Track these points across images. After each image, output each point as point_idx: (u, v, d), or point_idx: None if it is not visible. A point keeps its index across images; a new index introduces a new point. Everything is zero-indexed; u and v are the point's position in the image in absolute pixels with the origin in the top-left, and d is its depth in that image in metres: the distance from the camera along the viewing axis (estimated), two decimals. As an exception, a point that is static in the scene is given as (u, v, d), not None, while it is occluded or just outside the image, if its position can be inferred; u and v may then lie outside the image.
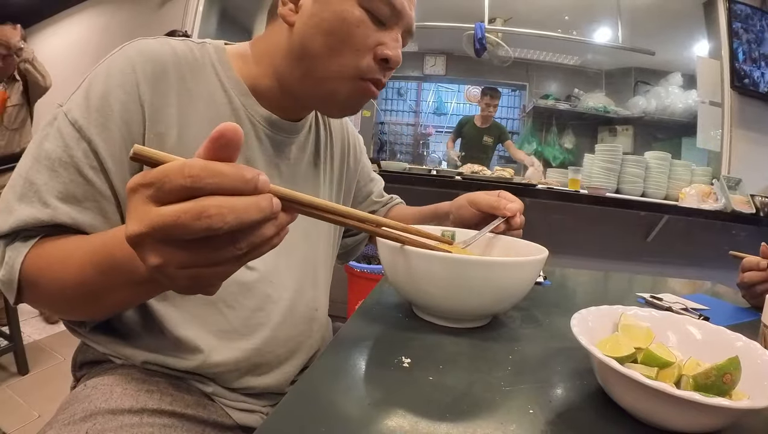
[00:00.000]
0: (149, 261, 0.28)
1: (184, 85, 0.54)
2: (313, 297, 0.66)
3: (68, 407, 0.50)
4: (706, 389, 0.35)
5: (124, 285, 0.41)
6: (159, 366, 0.55)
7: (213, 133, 0.26)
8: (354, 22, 0.54)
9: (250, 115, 0.59)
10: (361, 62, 0.55)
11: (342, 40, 0.54)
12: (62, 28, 3.57)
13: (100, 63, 0.52)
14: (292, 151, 0.66)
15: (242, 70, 0.60)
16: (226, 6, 3.08)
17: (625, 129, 3.36)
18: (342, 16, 0.53)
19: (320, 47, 0.54)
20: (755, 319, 0.69)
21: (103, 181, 0.49)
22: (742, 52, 2.45)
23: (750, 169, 2.39)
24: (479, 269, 0.48)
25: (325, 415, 0.33)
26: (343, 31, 0.54)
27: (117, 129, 0.49)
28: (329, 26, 0.54)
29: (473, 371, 0.42)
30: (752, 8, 2.51)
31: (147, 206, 0.26)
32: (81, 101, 0.49)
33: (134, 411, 0.49)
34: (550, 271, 0.88)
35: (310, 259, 0.67)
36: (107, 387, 0.52)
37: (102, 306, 0.46)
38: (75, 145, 0.47)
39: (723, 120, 2.47)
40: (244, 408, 0.58)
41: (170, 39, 0.56)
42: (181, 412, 0.52)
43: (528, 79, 4.00)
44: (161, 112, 0.52)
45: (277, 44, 0.58)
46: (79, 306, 0.48)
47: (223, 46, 0.61)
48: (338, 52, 0.54)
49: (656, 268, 2.34)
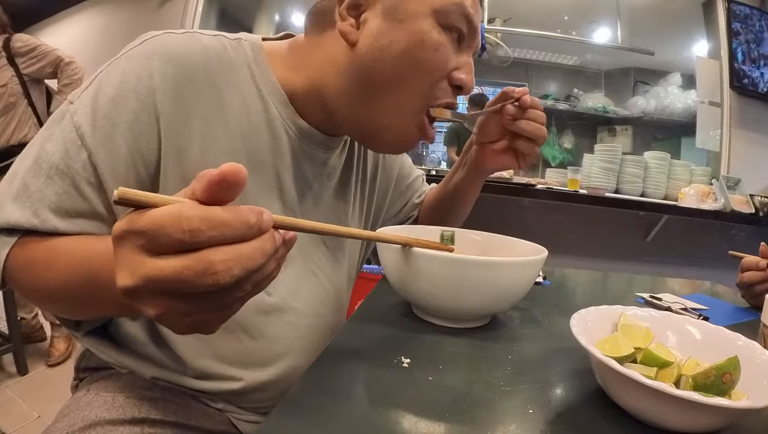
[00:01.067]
0: (147, 312, 0.26)
1: (215, 93, 0.48)
2: (335, 322, 0.63)
3: (69, 413, 0.49)
4: (706, 389, 0.35)
5: (109, 304, 0.38)
6: (169, 383, 0.53)
7: (214, 175, 0.23)
8: (433, 45, 0.48)
9: (287, 127, 0.54)
10: (435, 87, 0.50)
11: (416, 67, 0.48)
12: (61, 28, 3.57)
13: (116, 57, 0.46)
14: (327, 167, 0.61)
15: (281, 74, 0.54)
16: (225, 6, 3.08)
17: (624, 129, 3.36)
18: (419, 38, 0.47)
19: (390, 74, 0.48)
20: (754, 319, 0.69)
21: (99, 199, 0.45)
22: (741, 52, 2.46)
23: (749, 168, 2.39)
24: (478, 269, 0.48)
25: (324, 416, 0.33)
26: (419, 57, 0.48)
27: (124, 142, 0.44)
28: (404, 49, 0.47)
29: (473, 371, 0.42)
30: (751, 8, 2.51)
31: (139, 256, 0.24)
32: (88, 103, 0.44)
33: (136, 421, 0.48)
34: (549, 271, 0.88)
35: (335, 284, 0.64)
36: (110, 395, 0.50)
37: (87, 314, 0.45)
38: (75, 154, 0.43)
39: (722, 120, 2.47)
40: (253, 420, 0.57)
41: (200, 33, 0.50)
42: (185, 423, 0.51)
43: (527, 79, 3.99)
44: (183, 125, 0.46)
45: (331, 59, 0.51)
46: (62, 309, 0.47)
47: (261, 43, 0.54)
48: (411, 79, 0.49)
49: (655, 268, 2.35)
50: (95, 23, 3.35)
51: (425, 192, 0.86)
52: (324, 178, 0.61)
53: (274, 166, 0.54)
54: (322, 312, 0.60)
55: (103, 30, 3.26)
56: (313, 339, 0.58)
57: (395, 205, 0.82)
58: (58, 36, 3.55)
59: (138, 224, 0.23)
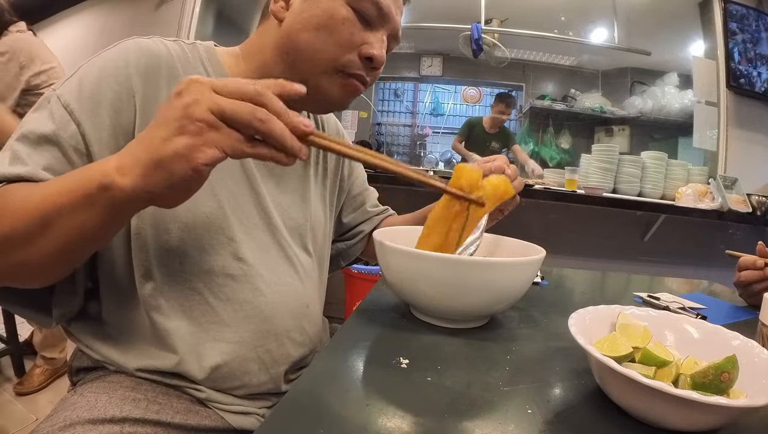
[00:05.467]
0: (199, 109, 0.35)
1: (176, 81, 0.53)
2: (303, 292, 0.65)
3: (54, 414, 0.50)
4: (704, 388, 0.35)
5: (84, 195, 0.39)
6: (151, 373, 0.54)
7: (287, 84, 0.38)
8: (340, 20, 0.56)
9: None
10: (344, 57, 0.57)
11: (327, 36, 0.56)
12: (60, 29, 3.56)
13: (94, 55, 0.53)
14: None
15: (232, 68, 0.62)
16: (222, 7, 3.08)
17: (621, 129, 3.37)
18: (330, 13, 0.55)
19: (306, 42, 0.56)
20: (752, 318, 0.69)
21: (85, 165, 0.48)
22: (737, 52, 2.46)
23: (746, 168, 2.40)
24: (476, 270, 0.48)
25: (323, 416, 0.33)
26: (329, 27, 0.56)
27: (107, 115, 0.50)
28: (317, 22, 0.56)
29: (471, 371, 0.42)
30: (748, 8, 2.52)
31: (209, 92, 0.36)
32: (74, 87, 0.50)
33: (116, 420, 0.49)
34: (547, 271, 0.88)
35: (303, 260, 0.66)
36: (93, 395, 0.51)
37: (47, 241, 0.41)
38: (64, 126, 0.48)
39: (719, 119, 2.48)
40: (239, 410, 0.57)
41: (164, 38, 0.58)
42: (167, 421, 0.51)
43: (525, 79, 4.01)
44: (152, 104, 0.53)
45: (267, 41, 0.60)
46: (16, 244, 0.42)
47: (213, 46, 0.63)
48: (322, 47, 0.56)
49: (653, 268, 2.35)
50: (93, 24, 3.35)
51: (386, 210, 0.90)
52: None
53: None
54: (290, 281, 0.63)
55: (101, 31, 3.25)
56: (282, 305, 0.60)
57: (355, 200, 0.86)
58: (55, 37, 3.54)
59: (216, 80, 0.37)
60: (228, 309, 0.56)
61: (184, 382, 0.55)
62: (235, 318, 0.56)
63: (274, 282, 0.61)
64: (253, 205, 0.60)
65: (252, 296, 0.58)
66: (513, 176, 0.64)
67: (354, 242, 0.86)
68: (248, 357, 0.57)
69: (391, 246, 0.51)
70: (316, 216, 0.70)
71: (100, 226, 0.41)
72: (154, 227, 0.53)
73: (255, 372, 0.58)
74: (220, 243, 0.56)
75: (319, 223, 0.71)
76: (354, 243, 0.87)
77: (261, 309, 0.58)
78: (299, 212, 0.67)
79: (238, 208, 0.58)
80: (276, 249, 0.62)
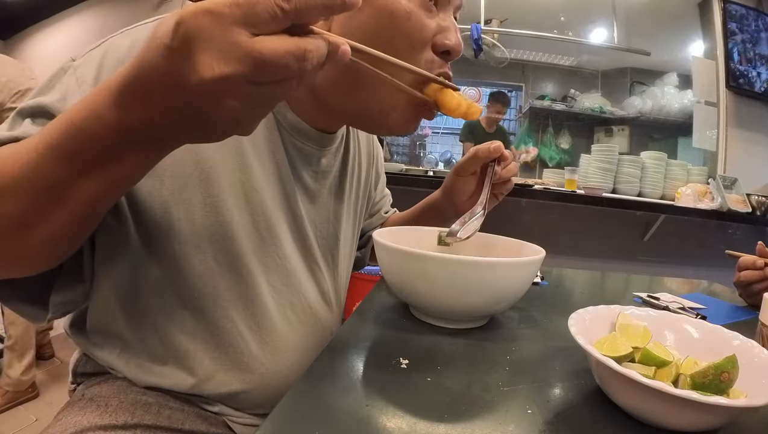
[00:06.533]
0: (227, 105, 0.25)
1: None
2: (330, 318, 0.63)
3: (62, 418, 0.49)
4: (704, 388, 0.35)
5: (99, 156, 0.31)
6: (162, 392, 0.52)
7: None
8: (404, 15, 0.45)
9: (278, 121, 0.54)
10: (420, 60, 0.47)
11: (392, 41, 0.45)
12: (59, 30, 3.56)
13: (125, 29, 0.47)
14: (321, 164, 0.60)
15: None
16: (222, 7, 3.08)
17: (621, 129, 3.37)
18: (388, 11, 0.45)
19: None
20: (752, 318, 0.69)
21: None
22: (737, 52, 2.47)
23: (746, 168, 2.40)
24: (476, 270, 0.47)
25: (323, 417, 0.33)
26: (392, 29, 0.45)
27: None
28: (375, 25, 0.45)
29: (471, 371, 0.42)
30: (747, 8, 2.53)
31: (235, 36, 0.22)
32: (95, 60, 0.44)
33: (128, 427, 0.47)
34: (547, 271, 0.88)
35: (328, 284, 0.64)
36: (103, 400, 0.50)
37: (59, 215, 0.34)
38: (71, 98, 0.42)
39: (719, 120, 2.48)
40: (249, 423, 0.56)
41: None
42: (178, 428, 0.50)
43: (524, 79, 4.00)
44: None
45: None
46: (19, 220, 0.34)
47: None
48: (392, 56, 0.46)
49: (653, 268, 2.35)
50: (92, 25, 3.35)
51: (394, 211, 0.90)
52: (318, 175, 0.61)
53: (272, 157, 0.54)
54: (317, 309, 0.61)
55: (100, 32, 3.24)
56: (308, 335, 0.59)
57: (375, 206, 0.84)
58: (54, 38, 3.54)
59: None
60: (257, 339, 0.54)
61: (197, 398, 0.53)
62: (263, 349, 0.54)
63: (305, 311, 0.59)
64: (288, 230, 0.56)
65: (281, 325, 0.55)
66: (509, 158, 0.65)
67: (367, 250, 0.85)
68: (270, 386, 0.55)
69: (391, 246, 0.51)
70: (345, 234, 0.67)
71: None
72: (189, 245, 0.48)
73: (275, 398, 0.55)
74: (255, 270, 0.53)
75: (347, 241, 0.69)
76: (367, 250, 0.85)
77: (288, 339, 0.56)
78: (331, 229, 0.64)
79: (275, 235, 0.54)
80: (306, 276, 0.60)
